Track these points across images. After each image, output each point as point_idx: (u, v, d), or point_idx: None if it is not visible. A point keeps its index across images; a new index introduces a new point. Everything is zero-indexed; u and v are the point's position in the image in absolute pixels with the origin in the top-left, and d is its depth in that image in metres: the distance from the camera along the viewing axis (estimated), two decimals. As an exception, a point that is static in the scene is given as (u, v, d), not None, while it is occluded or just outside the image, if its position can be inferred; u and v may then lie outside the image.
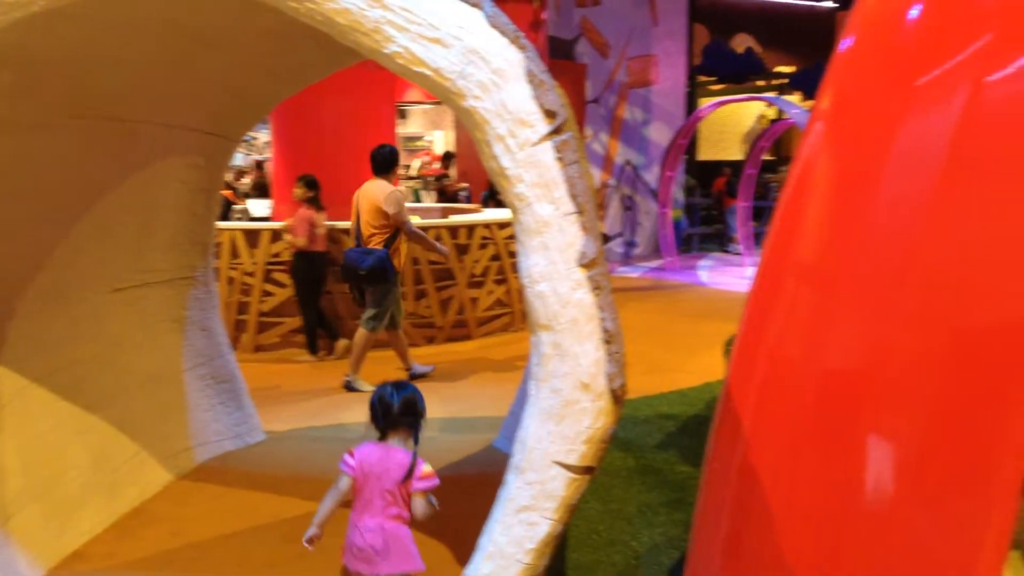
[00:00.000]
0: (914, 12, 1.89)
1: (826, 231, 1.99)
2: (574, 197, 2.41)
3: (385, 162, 6.44)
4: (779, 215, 2.09)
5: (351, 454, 2.79)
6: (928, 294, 1.74)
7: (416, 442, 2.83)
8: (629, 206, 14.67)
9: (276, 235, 7.61)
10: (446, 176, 13.40)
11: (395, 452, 2.79)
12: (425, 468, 2.79)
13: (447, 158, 13.75)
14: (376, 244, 6.33)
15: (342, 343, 7.58)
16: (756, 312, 2.12)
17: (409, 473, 2.75)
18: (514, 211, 2.42)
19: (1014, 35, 1.71)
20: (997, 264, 1.66)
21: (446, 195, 12.65)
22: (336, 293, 7.73)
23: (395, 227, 6.37)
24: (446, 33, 2.40)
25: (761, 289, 2.12)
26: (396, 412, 2.80)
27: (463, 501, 3.61)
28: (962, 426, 1.65)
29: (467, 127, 2.50)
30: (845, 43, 2.01)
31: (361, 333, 6.51)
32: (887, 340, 1.80)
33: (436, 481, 2.80)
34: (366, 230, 6.38)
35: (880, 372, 1.82)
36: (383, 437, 2.83)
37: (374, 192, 6.34)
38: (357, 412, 5.53)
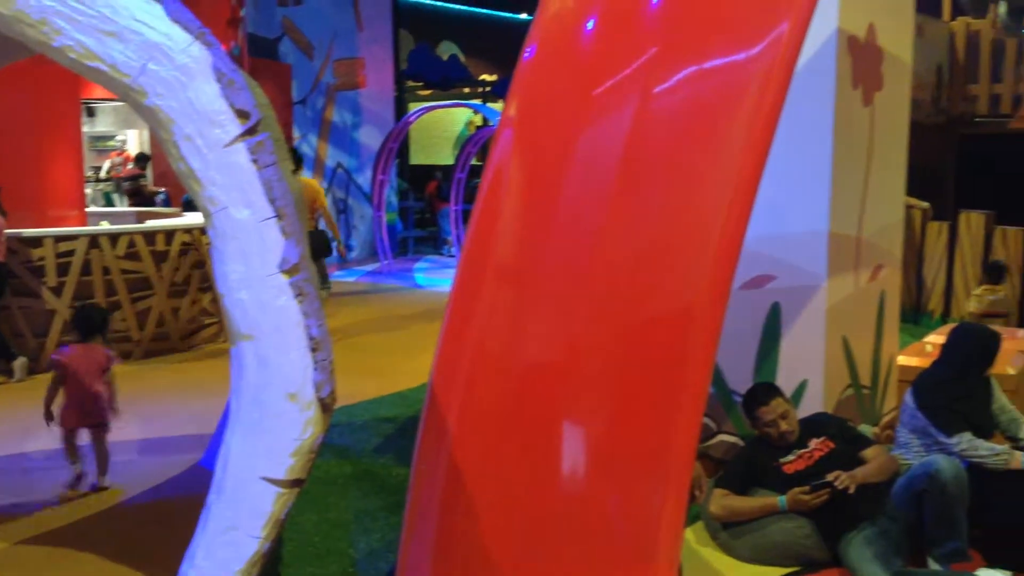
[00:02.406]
0: (590, 25, 2.01)
1: (519, 232, 2.07)
2: (272, 201, 2.32)
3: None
4: (475, 218, 2.15)
5: None
6: (608, 289, 1.86)
7: None
8: (343, 209, 14.51)
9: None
10: (142, 177, 12.52)
11: None
12: None
13: (142, 159, 12.85)
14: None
15: (19, 362, 6.81)
16: (458, 311, 2.16)
17: None
18: (207, 215, 2.29)
19: (676, 49, 1.87)
20: (665, 260, 1.80)
21: (143, 198, 11.83)
22: (15, 308, 6.97)
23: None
24: (123, 27, 2.22)
25: (462, 288, 2.17)
26: None
27: (166, 528, 3.38)
28: (641, 410, 1.78)
29: (152, 127, 2.33)
30: (527, 52, 2.10)
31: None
32: (575, 333, 1.91)
33: None
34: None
35: (570, 364, 1.93)
36: None
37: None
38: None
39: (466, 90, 17.73)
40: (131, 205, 11.59)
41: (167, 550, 3.15)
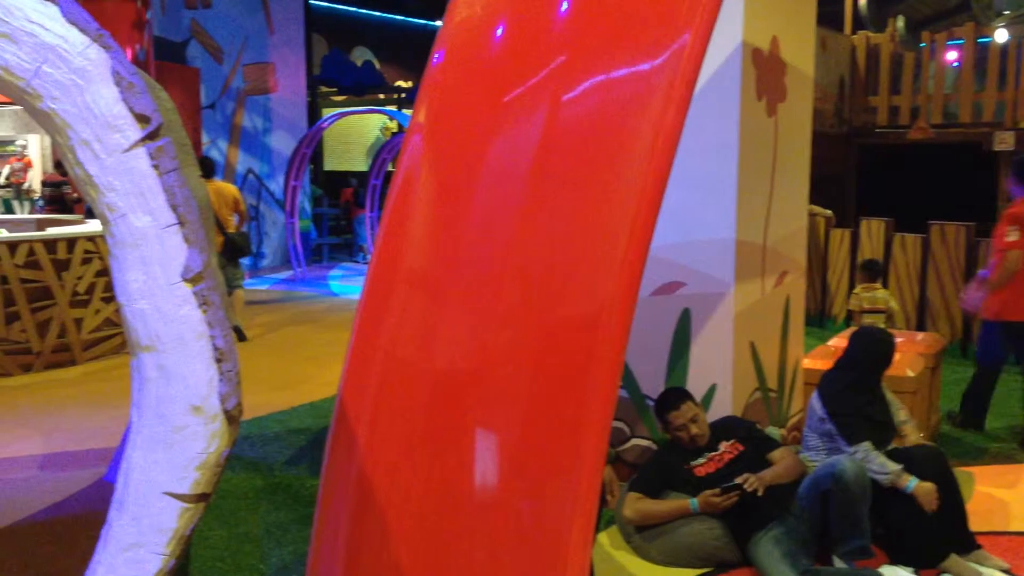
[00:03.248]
0: (499, 32, 2.02)
1: (430, 239, 2.06)
2: (174, 207, 2.25)
3: None
4: (385, 224, 2.13)
5: None
6: (521, 295, 1.87)
7: None
8: (254, 216, 14.23)
9: None
10: (65, 184, 12.06)
11: None
12: None
13: (61, 166, 12.40)
14: None
15: None
16: (368, 318, 2.14)
17: None
18: (105, 223, 2.22)
19: (583, 58, 1.89)
20: (574, 267, 1.82)
21: (64, 206, 11.45)
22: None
23: None
24: (16, 28, 2.13)
25: (372, 296, 2.15)
26: None
27: (67, 545, 3.25)
28: (553, 415, 1.79)
29: (48, 132, 2.24)
30: (436, 58, 2.09)
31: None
32: (488, 339, 1.91)
33: None
34: None
35: (483, 370, 1.92)
36: None
37: None
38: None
39: (381, 96, 17.62)
40: (49, 212, 11.18)
41: (68, 569, 3.04)
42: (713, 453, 3.88)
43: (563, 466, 1.76)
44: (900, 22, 10.33)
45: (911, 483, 3.61)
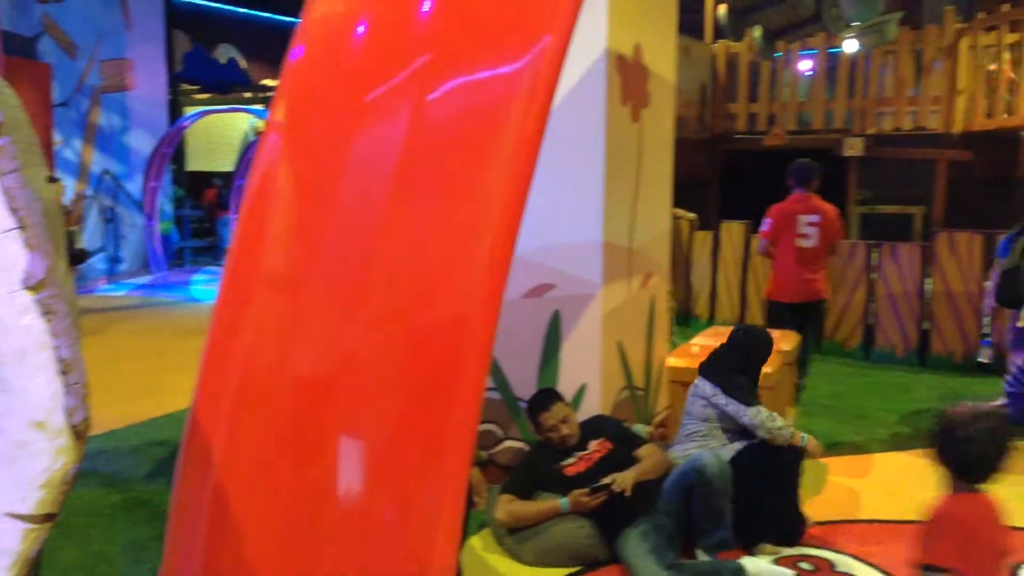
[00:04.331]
0: (360, 29, 1.98)
1: (291, 240, 2.00)
2: (15, 211, 2.11)
3: None
4: (241, 225, 2.05)
5: None
6: (386, 297, 1.83)
7: None
8: (111, 218, 13.59)
9: None
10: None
11: None
12: None
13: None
14: None
15: None
16: (224, 324, 2.06)
17: None
18: (-65, 227, 2.06)
19: (446, 59, 1.87)
20: (441, 268, 1.80)
21: None
22: None
23: None
24: None
25: (228, 299, 2.07)
26: None
27: None
28: (418, 418, 1.76)
29: None
30: (295, 54, 2.04)
31: None
32: (352, 343, 1.87)
33: None
34: None
35: (347, 374, 1.88)
36: None
37: None
38: None
39: (247, 95, 17.13)
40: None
41: None
42: (583, 452, 3.93)
43: (429, 469, 1.74)
44: (757, 32, 10.76)
45: (804, 437, 3.94)
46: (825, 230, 6.17)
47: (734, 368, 4.15)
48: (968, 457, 2.41)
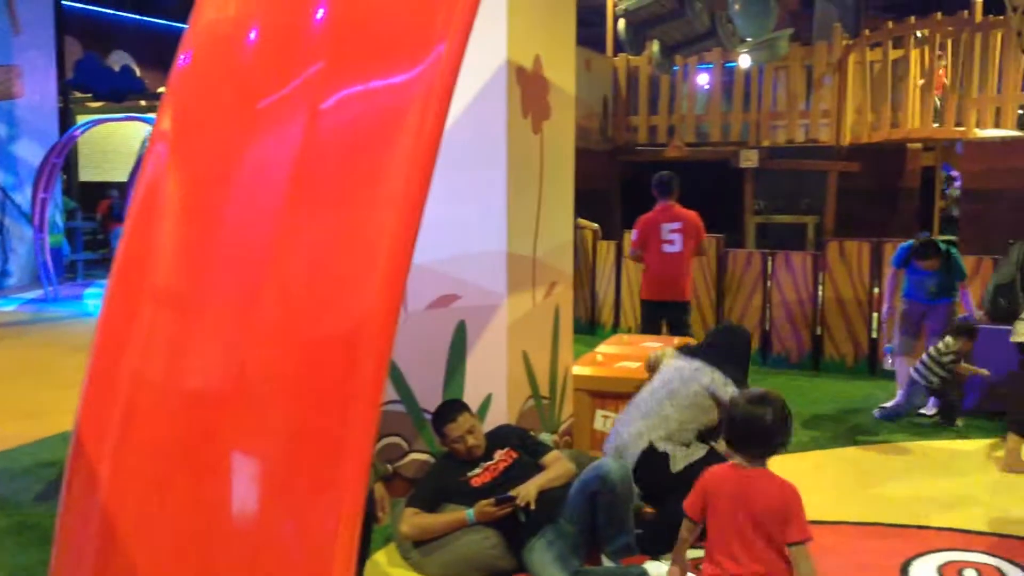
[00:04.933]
0: (252, 35, 1.94)
1: (180, 254, 1.95)
2: None
3: None
4: (126, 239, 1.99)
5: None
6: (279, 309, 1.80)
7: None
8: (-2, 231, 13.01)
9: None
10: None
11: None
12: None
13: None
14: None
15: None
16: (110, 340, 1.98)
17: None
18: None
19: (340, 66, 1.86)
20: (336, 280, 1.78)
21: None
22: None
23: None
24: None
25: (114, 314, 2.00)
26: None
27: None
28: (314, 433, 1.74)
29: None
30: (182, 60, 1.99)
31: None
32: (244, 358, 1.83)
33: None
34: None
35: (240, 390, 1.84)
36: None
37: None
38: None
39: (143, 103, 16.63)
40: None
41: None
42: (488, 463, 3.93)
43: (325, 484, 1.71)
44: (655, 46, 11.01)
45: None
46: (687, 235, 6.77)
47: (729, 363, 4.24)
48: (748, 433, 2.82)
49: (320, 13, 1.97)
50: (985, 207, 10.61)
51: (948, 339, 5.87)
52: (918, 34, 10.40)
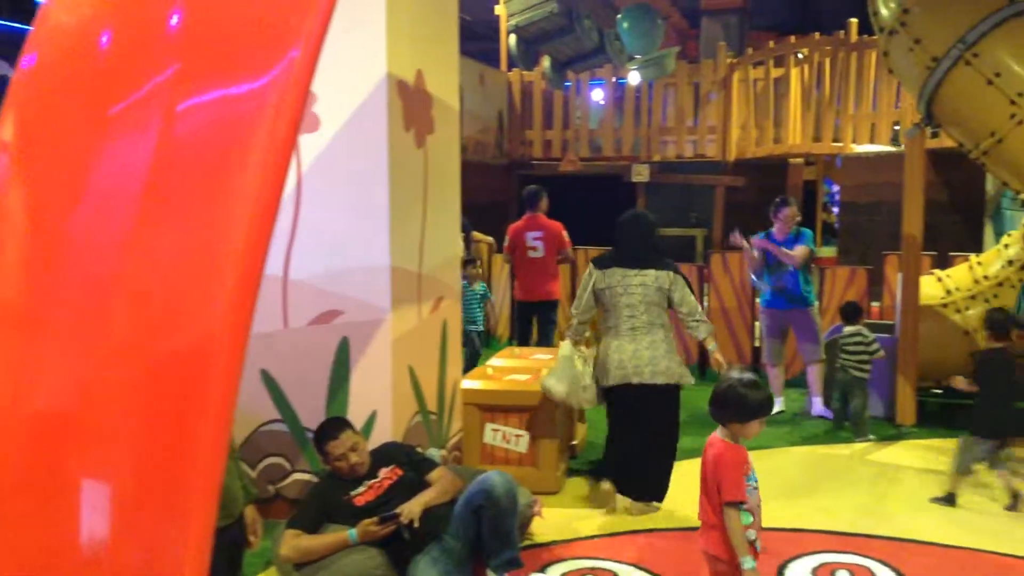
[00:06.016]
0: (103, 39, 1.86)
1: (24, 268, 1.84)
2: None
3: None
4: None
5: None
6: (128, 326, 1.72)
7: None
8: None
9: None
10: None
11: None
12: None
13: None
14: None
15: None
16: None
17: None
18: None
19: (193, 70, 1.79)
20: (186, 295, 1.71)
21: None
22: None
23: None
24: None
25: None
26: None
27: None
28: (163, 453, 1.66)
29: None
30: (26, 63, 1.89)
31: None
32: (94, 376, 1.74)
33: None
34: None
35: (89, 410, 1.75)
36: None
37: None
38: None
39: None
40: None
41: None
42: (372, 481, 3.86)
43: (175, 509, 1.64)
44: (546, 62, 11.13)
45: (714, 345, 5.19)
46: (548, 243, 7.67)
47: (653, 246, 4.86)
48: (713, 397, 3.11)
49: (173, 16, 1.90)
50: (863, 219, 11.07)
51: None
52: (798, 53, 10.81)
